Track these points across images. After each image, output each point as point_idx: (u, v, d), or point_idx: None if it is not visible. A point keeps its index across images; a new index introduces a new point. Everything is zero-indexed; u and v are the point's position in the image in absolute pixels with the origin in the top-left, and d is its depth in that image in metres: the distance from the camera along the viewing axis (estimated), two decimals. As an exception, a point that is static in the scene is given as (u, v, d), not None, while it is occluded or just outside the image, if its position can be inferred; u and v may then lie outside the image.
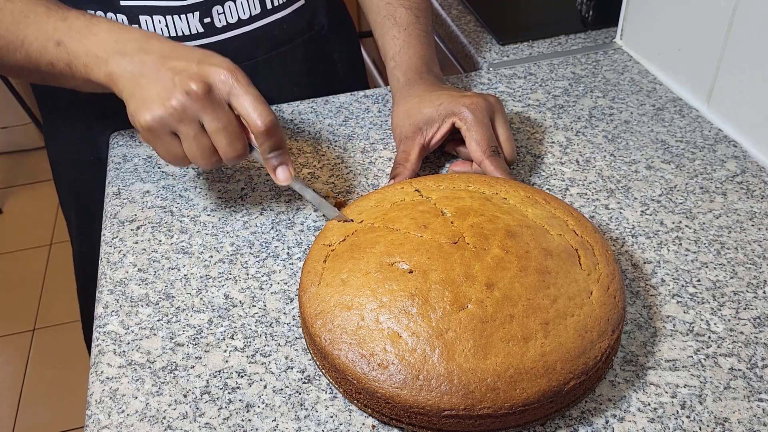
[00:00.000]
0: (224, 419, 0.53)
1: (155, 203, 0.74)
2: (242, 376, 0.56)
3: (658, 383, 0.55)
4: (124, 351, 0.59)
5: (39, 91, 0.92)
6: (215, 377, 0.57)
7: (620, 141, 0.80)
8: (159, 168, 0.79)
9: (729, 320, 0.59)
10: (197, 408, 0.54)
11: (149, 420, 0.54)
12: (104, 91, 0.66)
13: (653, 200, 0.72)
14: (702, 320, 0.59)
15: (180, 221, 0.72)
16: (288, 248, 0.68)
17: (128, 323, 0.61)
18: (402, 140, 0.74)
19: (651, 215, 0.70)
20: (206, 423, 0.53)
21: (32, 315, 2.04)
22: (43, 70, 0.69)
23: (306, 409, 0.54)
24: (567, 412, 0.53)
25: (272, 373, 0.57)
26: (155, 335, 0.60)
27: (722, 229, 0.68)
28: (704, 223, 0.69)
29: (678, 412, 0.53)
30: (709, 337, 0.58)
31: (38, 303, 2.08)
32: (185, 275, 0.66)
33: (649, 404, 0.53)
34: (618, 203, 0.72)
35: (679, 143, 0.80)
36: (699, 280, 0.63)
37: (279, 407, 0.54)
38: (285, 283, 0.64)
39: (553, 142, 0.81)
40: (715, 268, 0.64)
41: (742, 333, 0.58)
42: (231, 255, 0.68)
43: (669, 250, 0.66)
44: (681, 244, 0.67)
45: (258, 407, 0.54)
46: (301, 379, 0.56)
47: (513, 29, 1.08)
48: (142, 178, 0.78)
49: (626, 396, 0.54)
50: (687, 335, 0.58)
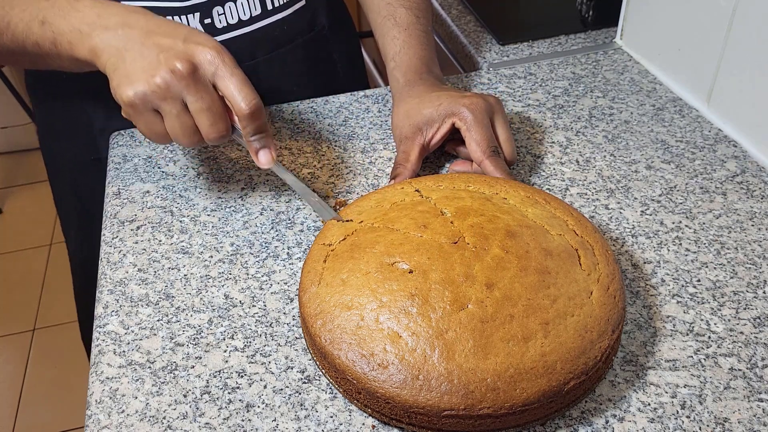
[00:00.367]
0: (224, 419, 0.53)
1: (155, 203, 0.74)
2: (242, 376, 0.56)
3: (658, 383, 0.55)
4: (124, 351, 0.59)
5: (34, 91, 0.92)
6: (215, 377, 0.57)
7: (620, 141, 0.80)
8: (159, 168, 0.79)
9: (729, 320, 0.59)
10: (197, 408, 0.54)
11: (149, 420, 0.54)
12: (91, 70, 0.65)
13: (653, 200, 0.72)
14: (702, 320, 0.59)
15: (180, 221, 0.72)
16: (288, 248, 0.68)
17: (128, 323, 0.61)
18: (402, 140, 0.74)
19: (651, 215, 0.70)
20: (206, 423, 0.53)
21: (32, 315, 2.04)
22: (30, 51, 0.68)
23: (306, 409, 0.54)
24: (567, 412, 0.53)
25: (272, 373, 0.57)
26: (155, 335, 0.60)
27: (722, 229, 0.68)
28: (704, 223, 0.69)
29: (678, 412, 0.53)
30: (709, 337, 0.58)
31: (38, 303, 2.08)
32: (185, 275, 0.66)
33: (649, 404, 0.53)
34: (618, 203, 0.72)
35: (679, 143, 0.80)
36: (699, 280, 0.63)
37: (279, 407, 0.54)
38: (285, 283, 0.64)
39: (553, 142, 0.81)
40: (715, 268, 0.64)
41: (742, 333, 0.58)
42: (231, 255, 0.68)
43: (669, 250, 0.66)
44: (681, 244, 0.67)
45: (258, 407, 0.54)
46: (301, 379, 0.56)
47: (513, 29, 1.08)
48: (142, 178, 0.78)
49: (626, 396, 0.54)
50: (687, 335, 0.58)
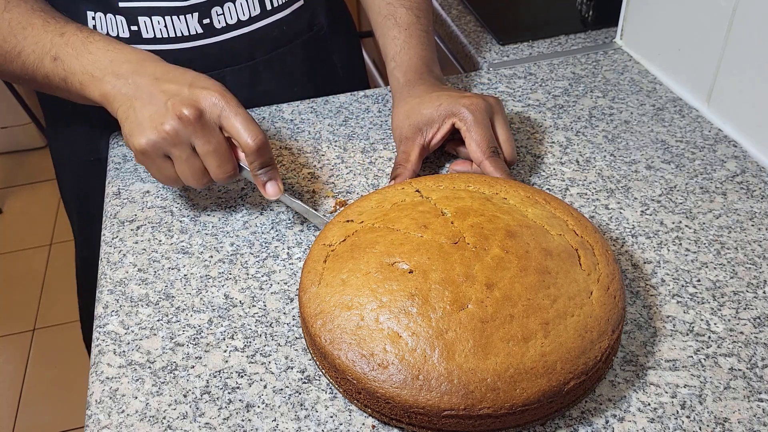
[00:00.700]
0: (224, 419, 0.53)
1: (155, 203, 0.74)
2: (242, 376, 0.56)
3: (658, 383, 0.55)
4: (124, 351, 0.59)
5: (42, 93, 0.92)
6: (215, 377, 0.57)
7: (620, 141, 0.80)
8: (159, 168, 0.79)
9: (729, 320, 0.59)
10: (197, 408, 0.54)
11: (149, 420, 0.54)
12: (98, 105, 0.68)
13: (653, 200, 0.72)
14: (702, 320, 0.59)
15: (180, 221, 0.72)
16: (288, 248, 0.68)
17: (128, 323, 0.61)
18: (402, 141, 0.74)
19: (651, 215, 0.70)
20: (206, 423, 0.53)
21: (32, 315, 2.04)
22: (40, 81, 0.70)
23: (306, 409, 0.54)
24: (567, 412, 0.53)
25: (272, 373, 0.57)
26: (155, 335, 0.60)
27: (722, 229, 0.68)
28: (704, 223, 0.69)
29: (678, 412, 0.53)
30: (709, 337, 0.58)
31: (38, 303, 2.08)
32: (185, 275, 0.66)
33: (649, 404, 0.53)
34: (618, 203, 0.72)
35: (679, 143, 0.80)
36: (699, 280, 0.63)
37: (279, 407, 0.54)
38: (285, 283, 0.64)
39: (553, 142, 0.81)
40: (715, 268, 0.64)
41: (742, 333, 0.58)
42: (231, 255, 0.68)
43: (669, 250, 0.66)
44: (681, 244, 0.67)
45: (258, 407, 0.54)
46: (301, 379, 0.56)
47: (513, 29, 1.08)
48: (142, 178, 0.78)
49: (626, 396, 0.54)
50: (687, 335, 0.58)
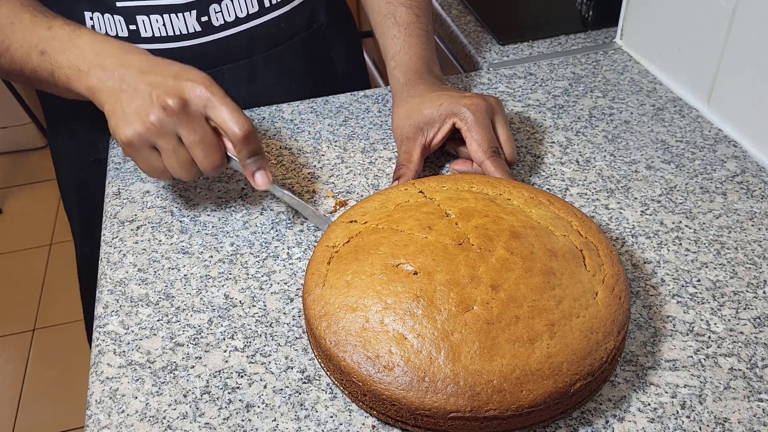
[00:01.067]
0: (224, 419, 0.53)
1: (155, 203, 0.74)
2: (242, 376, 0.56)
3: (658, 383, 0.55)
4: (124, 351, 0.59)
5: (42, 93, 0.92)
6: (215, 377, 0.57)
7: (620, 141, 0.80)
8: (159, 168, 0.79)
9: (729, 320, 0.59)
10: (197, 408, 0.54)
11: (149, 420, 0.54)
12: (86, 100, 0.68)
13: (653, 200, 0.72)
14: (702, 320, 0.59)
15: (180, 221, 0.72)
16: (288, 248, 0.68)
17: (128, 323, 0.61)
18: (403, 141, 0.74)
19: (651, 215, 0.70)
20: (206, 423, 0.53)
21: (32, 315, 2.04)
22: (28, 76, 0.71)
23: (306, 409, 0.54)
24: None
25: (272, 373, 0.57)
26: (155, 335, 0.60)
27: (722, 229, 0.68)
28: (704, 223, 0.69)
29: (678, 412, 0.53)
30: (709, 337, 0.58)
31: (38, 303, 2.08)
32: (185, 275, 0.66)
33: (649, 404, 0.53)
34: (618, 203, 0.72)
35: (679, 143, 0.80)
36: (699, 280, 0.63)
37: (279, 407, 0.54)
38: (285, 283, 0.64)
39: (553, 142, 0.81)
40: (715, 268, 0.64)
41: (742, 333, 0.58)
42: (231, 255, 0.68)
43: (669, 250, 0.66)
44: (681, 244, 0.67)
45: (258, 407, 0.54)
46: (301, 379, 0.56)
47: (513, 29, 1.08)
48: (142, 178, 0.78)
49: (626, 396, 0.54)
50: (687, 335, 0.58)
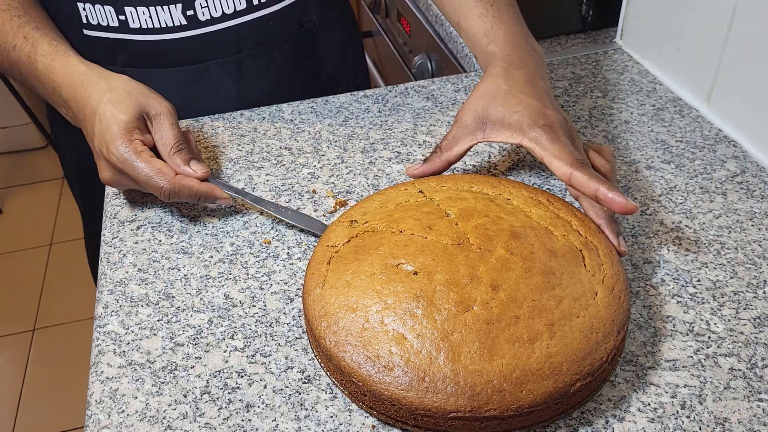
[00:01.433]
0: (224, 419, 0.53)
1: (155, 203, 0.74)
2: (242, 376, 0.56)
3: (658, 383, 0.55)
4: (124, 351, 0.59)
5: None
6: (215, 377, 0.57)
7: (620, 141, 0.80)
8: (159, 168, 0.79)
9: (729, 320, 0.59)
10: (197, 408, 0.54)
11: (149, 420, 0.54)
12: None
13: (653, 200, 0.72)
14: (702, 320, 0.59)
15: (180, 221, 0.72)
16: (288, 248, 0.68)
17: (128, 323, 0.61)
18: (459, 124, 0.68)
19: (651, 215, 0.70)
20: (206, 423, 0.53)
21: (32, 315, 2.04)
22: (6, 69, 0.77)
23: (306, 409, 0.54)
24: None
25: (272, 373, 0.57)
26: (155, 335, 0.60)
27: (722, 229, 0.68)
28: (704, 223, 0.69)
29: (678, 412, 0.53)
30: (709, 337, 0.58)
31: (38, 303, 2.08)
32: (185, 275, 0.66)
33: (649, 404, 0.53)
34: (618, 203, 0.72)
35: (679, 143, 0.80)
36: (699, 280, 0.63)
37: (279, 407, 0.54)
38: (285, 283, 0.64)
39: (553, 142, 0.80)
40: (715, 268, 0.64)
41: (742, 333, 0.58)
42: (231, 255, 0.68)
43: (669, 250, 0.66)
44: (681, 244, 0.67)
45: (258, 407, 0.54)
46: (301, 379, 0.56)
47: (513, 29, 1.07)
48: (142, 178, 0.78)
49: (626, 396, 0.54)
50: (687, 335, 0.58)
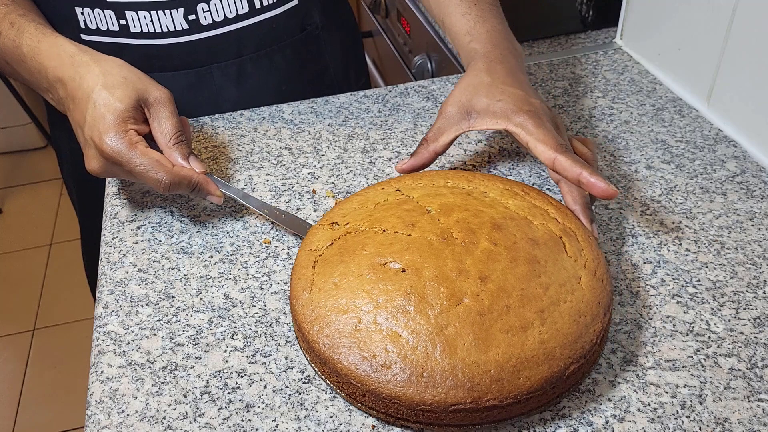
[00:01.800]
0: (224, 419, 0.53)
1: (155, 203, 0.74)
2: (242, 376, 0.56)
3: (658, 383, 0.55)
4: (124, 351, 0.59)
5: None
6: (215, 377, 0.57)
7: (620, 141, 0.80)
8: (159, 168, 0.79)
9: (729, 320, 0.59)
10: (197, 408, 0.54)
11: (149, 420, 0.54)
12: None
13: (653, 200, 0.72)
14: (702, 320, 0.59)
15: (180, 221, 0.72)
16: (288, 248, 0.68)
17: (128, 323, 0.61)
18: (444, 116, 0.69)
19: (651, 215, 0.70)
20: (206, 423, 0.53)
21: (32, 315, 2.04)
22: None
23: (306, 409, 0.54)
24: (567, 412, 0.53)
25: (272, 373, 0.57)
26: (155, 335, 0.60)
27: (722, 229, 0.68)
28: (704, 223, 0.69)
29: (678, 412, 0.53)
30: (709, 337, 0.58)
31: (38, 303, 2.08)
32: (185, 275, 0.66)
33: (649, 404, 0.53)
34: (618, 203, 0.72)
35: (679, 143, 0.80)
36: (699, 280, 0.63)
37: (279, 407, 0.54)
38: (285, 283, 0.64)
39: (553, 142, 0.80)
40: (715, 268, 0.64)
41: (742, 333, 0.58)
42: (231, 255, 0.68)
43: (669, 250, 0.66)
44: (681, 244, 0.67)
45: (258, 407, 0.54)
46: (301, 379, 0.56)
47: (513, 29, 1.07)
48: (142, 178, 0.78)
49: (626, 396, 0.54)
50: (687, 335, 0.58)
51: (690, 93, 0.86)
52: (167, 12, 0.80)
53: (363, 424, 0.53)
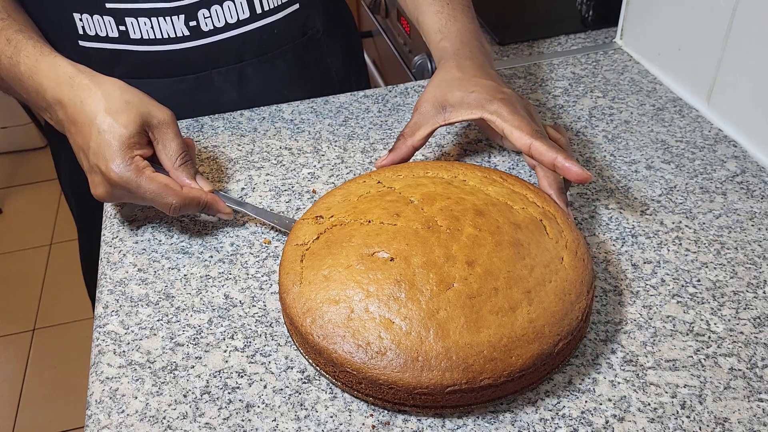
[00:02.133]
0: (224, 419, 0.53)
1: (155, 203, 0.74)
2: (242, 376, 0.56)
3: (658, 383, 0.55)
4: (124, 351, 0.59)
5: None
6: (215, 377, 0.57)
7: (620, 141, 0.80)
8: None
9: (729, 320, 0.59)
10: (197, 408, 0.54)
11: (149, 420, 0.54)
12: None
13: (653, 200, 0.72)
14: (702, 320, 0.60)
15: (180, 221, 0.72)
16: (288, 248, 0.68)
17: (128, 323, 0.61)
18: (419, 111, 0.71)
19: (651, 215, 0.70)
20: (206, 423, 0.53)
21: (32, 315, 2.04)
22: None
23: (306, 409, 0.54)
24: (567, 412, 0.53)
25: (272, 373, 0.57)
26: (155, 335, 0.60)
27: (722, 229, 0.68)
28: (704, 223, 0.69)
29: (678, 412, 0.53)
30: (709, 337, 0.58)
31: (38, 303, 2.08)
32: (185, 275, 0.66)
33: (649, 404, 0.53)
34: (618, 203, 0.72)
35: (679, 143, 0.80)
36: (699, 280, 0.63)
37: (279, 407, 0.54)
38: (285, 283, 0.64)
39: (553, 142, 0.81)
40: (715, 268, 0.64)
41: (742, 333, 0.58)
42: (231, 255, 0.68)
43: (669, 250, 0.66)
44: (681, 244, 0.67)
45: (258, 407, 0.54)
46: (301, 379, 0.56)
47: (513, 29, 1.08)
48: (142, 178, 0.78)
49: (626, 396, 0.54)
50: (687, 335, 0.58)
51: (690, 93, 0.86)
52: (168, 18, 0.80)
53: (363, 424, 0.53)
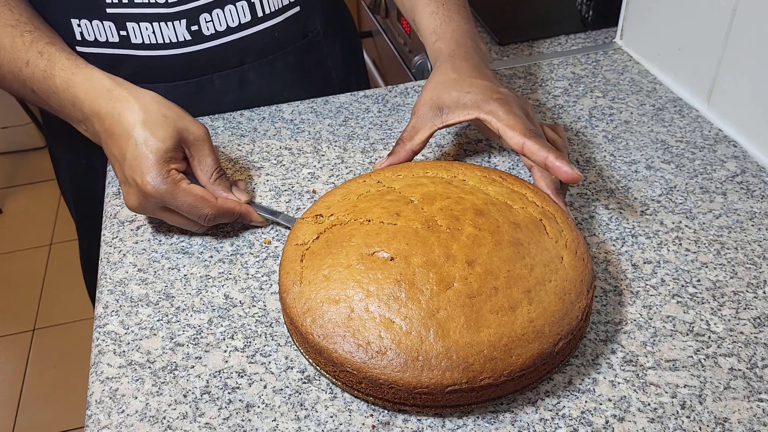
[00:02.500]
0: (224, 419, 0.53)
1: (155, 203, 0.74)
2: (242, 376, 0.56)
3: (658, 383, 0.55)
4: (124, 351, 0.59)
5: None
6: (215, 377, 0.57)
7: (620, 141, 0.80)
8: (159, 168, 0.79)
9: (729, 320, 0.59)
10: (197, 408, 0.54)
11: (149, 420, 0.54)
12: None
13: (653, 200, 0.72)
14: (702, 320, 0.60)
15: (180, 221, 0.72)
16: (288, 248, 0.68)
17: (128, 323, 0.61)
18: (417, 114, 0.71)
19: (651, 215, 0.70)
20: (206, 423, 0.53)
21: (32, 315, 2.04)
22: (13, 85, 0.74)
23: (306, 409, 0.54)
24: (567, 412, 0.53)
25: (272, 373, 0.57)
26: (155, 335, 0.60)
27: (722, 229, 0.68)
28: (704, 223, 0.69)
29: (678, 412, 0.53)
30: (709, 337, 0.58)
31: (38, 303, 2.08)
32: (185, 275, 0.66)
33: (649, 404, 0.53)
34: (618, 203, 0.72)
35: (679, 143, 0.80)
36: (699, 280, 0.63)
37: (279, 407, 0.54)
38: (285, 283, 0.64)
39: (553, 142, 0.80)
40: (715, 268, 0.64)
41: (742, 333, 0.58)
42: (231, 255, 0.68)
43: (669, 250, 0.66)
44: (681, 244, 0.67)
45: (258, 407, 0.54)
46: (301, 379, 0.56)
47: (513, 29, 1.08)
48: (142, 178, 0.78)
49: (626, 396, 0.54)
50: (687, 335, 0.58)
51: (690, 93, 0.86)
52: (169, 23, 0.79)
53: (363, 424, 0.53)
